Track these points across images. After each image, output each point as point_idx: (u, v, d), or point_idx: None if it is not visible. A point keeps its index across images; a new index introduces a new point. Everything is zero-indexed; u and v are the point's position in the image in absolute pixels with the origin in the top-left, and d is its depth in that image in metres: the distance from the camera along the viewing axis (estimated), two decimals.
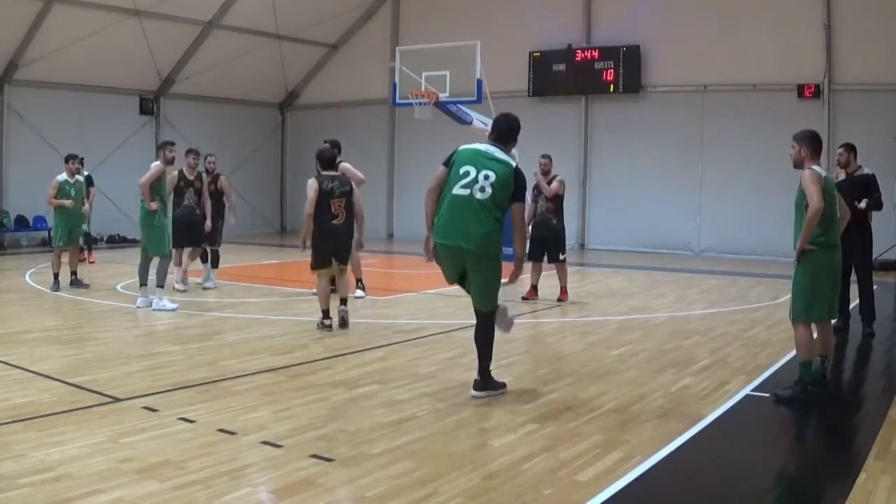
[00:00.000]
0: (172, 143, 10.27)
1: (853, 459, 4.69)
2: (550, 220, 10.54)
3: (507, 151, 5.94)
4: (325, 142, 9.64)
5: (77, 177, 11.47)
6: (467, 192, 5.72)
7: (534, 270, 10.74)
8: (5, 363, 6.64)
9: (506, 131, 6.02)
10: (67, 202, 11.19)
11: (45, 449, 4.49)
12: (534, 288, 10.76)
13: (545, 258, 10.63)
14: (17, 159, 18.22)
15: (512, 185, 5.76)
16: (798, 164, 6.08)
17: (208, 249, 11.62)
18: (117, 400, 5.59)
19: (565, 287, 10.75)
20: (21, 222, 18.57)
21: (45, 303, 10.36)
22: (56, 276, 11.17)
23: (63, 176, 11.34)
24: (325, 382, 6.27)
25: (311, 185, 8.36)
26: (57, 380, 6.12)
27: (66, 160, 11.51)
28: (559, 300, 10.63)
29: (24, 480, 4.02)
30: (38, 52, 17.75)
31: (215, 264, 11.78)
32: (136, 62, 19.40)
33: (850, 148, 8.70)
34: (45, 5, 16.89)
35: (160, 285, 9.64)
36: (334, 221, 8.32)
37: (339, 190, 8.38)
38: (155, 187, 9.74)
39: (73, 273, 11.42)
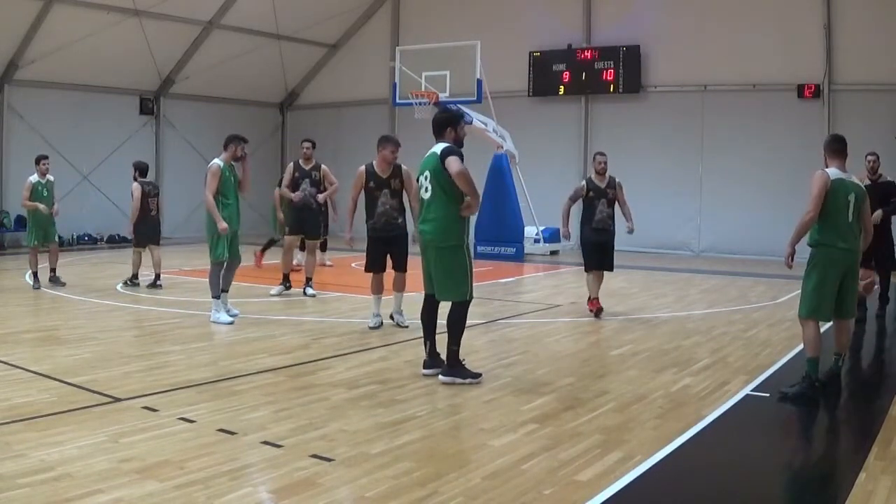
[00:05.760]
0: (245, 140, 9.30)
1: (853, 459, 4.69)
2: (610, 226, 9.65)
3: (448, 140, 6.37)
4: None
5: (48, 177, 11.72)
6: (421, 197, 6.48)
7: (595, 280, 9.70)
8: (5, 363, 6.63)
9: (436, 126, 6.47)
10: (42, 206, 11.41)
11: (45, 449, 4.49)
12: (597, 299, 9.71)
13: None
14: (17, 159, 18.20)
15: (440, 164, 6.21)
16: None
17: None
18: (117, 400, 5.59)
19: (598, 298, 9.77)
20: (21, 222, 18.53)
21: (45, 303, 10.36)
22: (35, 273, 11.48)
23: (35, 177, 11.59)
24: (325, 382, 6.27)
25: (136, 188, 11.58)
26: (57, 380, 6.12)
27: (37, 161, 11.70)
28: (598, 311, 9.62)
29: (24, 480, 4.02)
30: (38, 52, 17.76)
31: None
32: (136, 62, 19.41)
33: (878, 156, 9.80)
34: (45, 5, 16.90)
35: (216, 295, 9.02)
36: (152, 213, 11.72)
37: (154, 191, 11.82)
38: (220, 189, 8.92)
39: (53, 270, 11.72)
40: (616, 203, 9.70)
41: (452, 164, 6.13)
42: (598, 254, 9.66)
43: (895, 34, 15.88)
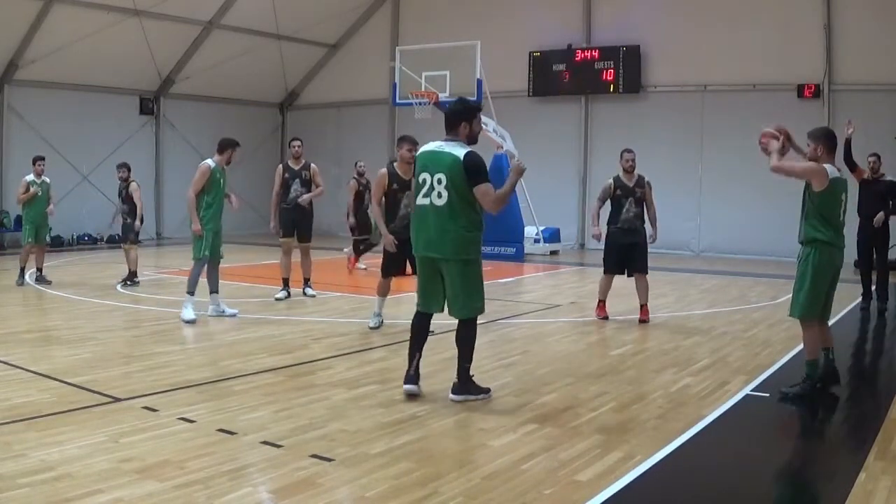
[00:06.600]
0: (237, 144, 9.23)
1: (853, 459, 4.69)
2: (638, 226, 9.41)
3: (461, 136, 5.69)
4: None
5: (44, 178, 12.03)
6: (427, 201, 5.67)
7: (609, 284, 9.46)
8: (5, 363, 6.64)
9: (449, 117, 5.76)
10: (34, 189, 11.83)
11: (45, 449, 4.49)
12: (604, 302, 9.48)
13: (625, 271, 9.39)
14: (18, 159, 18.18)
15: (464, 174, 5.53)
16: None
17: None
18: (117, 400, 5.59)
19: (647, 305, 9.34)
20: (21, 222, 18.54)
21: (45, 303, 10.36)
22: (22, 270, 11.83)
23: (30, 176, 11.97)
24: (325, 382, 6.27)
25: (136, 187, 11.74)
26: (57, 380, 6.12)
27: (34, 161, 12.04)
28: (641, 321, 9.19)
29: (24, 480, 4.02)
30: (38, 52, 17.76)
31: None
32: (136, 62, 19.41)
33: (879, 156, 10.55)
34: (45, 5, 16.90)
35: (189, 291, 9.03)
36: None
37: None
38: (205, 189, 8.97)
39: (39, 270, 11.97)
40: (644, 203, 9.44)
41: (486, 196, 5.49)
42: (620, 256, 9.34)
43: (895, 34, 15.88)
